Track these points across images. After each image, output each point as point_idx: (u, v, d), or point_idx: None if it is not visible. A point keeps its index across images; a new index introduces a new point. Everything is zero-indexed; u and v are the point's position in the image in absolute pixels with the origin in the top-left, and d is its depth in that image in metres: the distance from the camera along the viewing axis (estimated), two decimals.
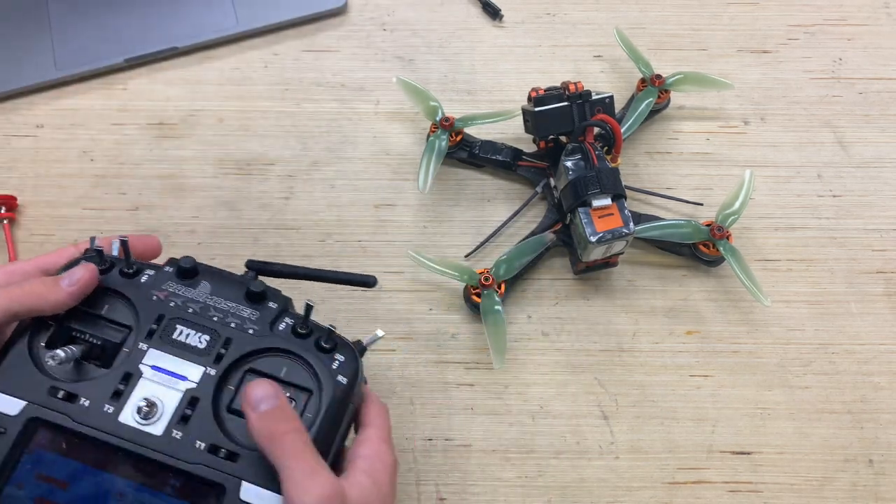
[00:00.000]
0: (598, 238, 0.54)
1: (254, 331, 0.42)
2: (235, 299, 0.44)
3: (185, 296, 0.43)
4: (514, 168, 0.62)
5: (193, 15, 0.68)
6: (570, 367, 0.57)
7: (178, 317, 0.42)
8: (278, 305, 0.44)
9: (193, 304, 0.43)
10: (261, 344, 0.42)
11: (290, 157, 0.64)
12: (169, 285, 0.44)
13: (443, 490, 0.54)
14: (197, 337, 0.42)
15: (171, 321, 0.42)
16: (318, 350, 0.42)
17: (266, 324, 0.43)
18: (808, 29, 0.69)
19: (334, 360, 0.42)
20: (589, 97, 0.57)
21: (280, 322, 0.43)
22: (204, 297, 0.43)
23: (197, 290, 0.44)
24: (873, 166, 0.64)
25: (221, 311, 0.43)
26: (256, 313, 0.43)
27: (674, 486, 0.54)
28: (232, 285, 0.44)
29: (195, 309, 0.43)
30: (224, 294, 0.44)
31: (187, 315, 0.42)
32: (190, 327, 0.42)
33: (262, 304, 0.44)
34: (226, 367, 0.41)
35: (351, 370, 0.42)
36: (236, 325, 0.42)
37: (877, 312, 0.59)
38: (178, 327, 0.42)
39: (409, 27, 0.69)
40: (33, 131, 0.64)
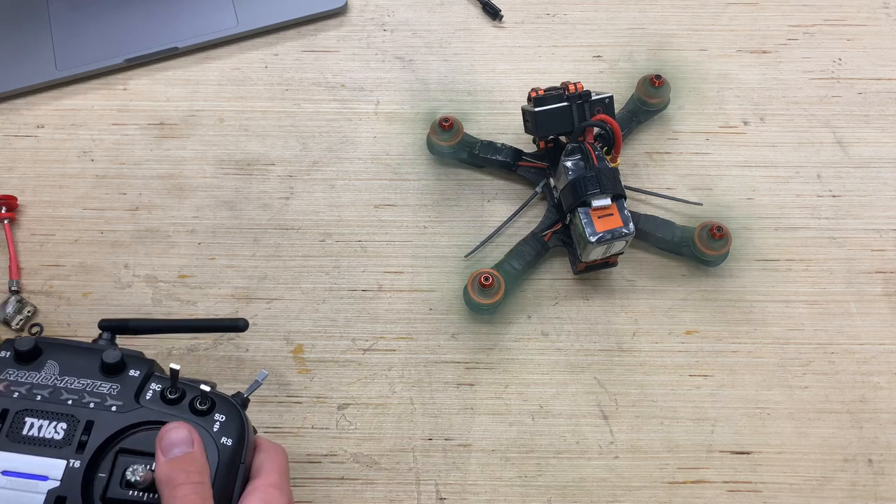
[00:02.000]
0: (597, 238, 0.54)
1: (117, 406, 0.38)
2: (90, 374, 0.39)
3: (30, 382, 0.38)
4: (514, 168, 0.62)
5: (193, 15, 0.68)
6: (569, 367, 0.57)
7: (24, 409, 0.37)
8: (141, 372, 0.40)
9: (41, 389, 0.38)
10: (128, 420, 0.38)
11: (290, 158, 0.64)
12: (8, 374, 0.39)
13: (443, 490, 0.54)
14: (52, 427, 0.37)
15: (17, 415, 0.37)
16: (194, 414, 0.39)
17: (130, 396, 0.39)
18: (808, 29, 0.69)
19: (214, 422, 0.39)
20: (589, 97, 0.57)
21: (146, 390, 0.39)
22: (52, 379, 0.39)
23: (42, 372, 0.39)
24: (872, 166, 0.64)
25: (76, 392, 0.38)
26: (117, 386, 0.39)
27: (673, 485, 0.54)
28: (83, 359, 0.40)
29: (44, 395, 0.38)
30: (75, 371, 0.39)
31: (35, 404, 0.37)
32: (41, 417, 0.37)
33: (121, 374, 0.40)
34: (91, 454, 0.37)
35: (235, 428, 0.39)
36: (95, 404, 0.38)
37: (876, 312, 0.59)
38: (26, 420, 0.37)
39: (409, 27, 0.69)
40: (33, 131, 0.64)
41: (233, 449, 0.39)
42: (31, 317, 0.58)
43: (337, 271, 0.60)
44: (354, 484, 0.54)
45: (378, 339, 0.58)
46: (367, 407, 0.56)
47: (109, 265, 0.60)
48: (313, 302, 0.59)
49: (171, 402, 0.39)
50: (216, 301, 0.59)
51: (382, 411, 0.56)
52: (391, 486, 0.54)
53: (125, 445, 0.38)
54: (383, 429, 0.56)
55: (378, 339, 0.58)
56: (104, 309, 0.58)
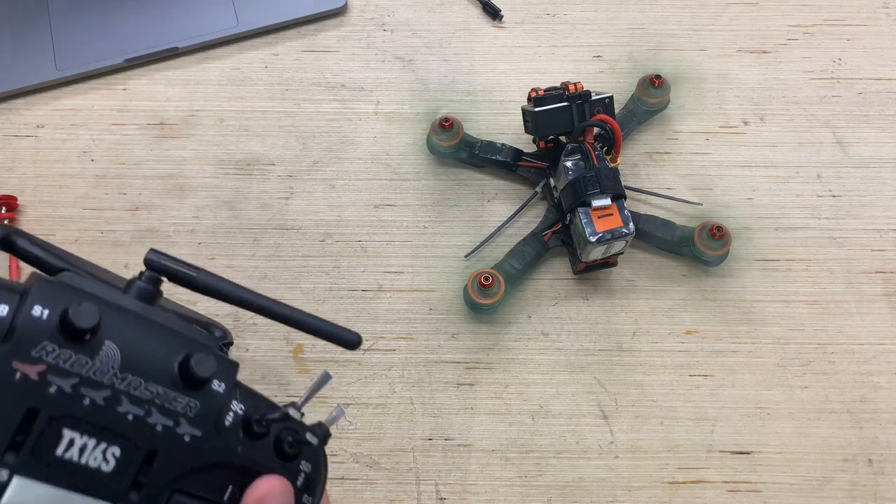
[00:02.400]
0: (597, 238, 0.54)
1: (192, 436, 0.27)
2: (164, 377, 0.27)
3: (79, 373, 0.25)
4: (514, 168, 0.62)
5: (193, 15, 0.68)
6: (569, 367, 0.57)
7: (63, 414, 0.25)
8: (226, 385, 0.29)
9: (93, 389, 0.25)
10: (205, 458, 0.27)
11: (290, 158, 0.64)
12: (45, 350, 0.25)
13: (443, 490, 0.54)
14: (100, 452, 0.25)
15: (52, 423, 0.24)
16: (278, 456, 0.30)
17: (211, 421, 0.28)
18: (808, 29, 0.69)
19: (299, 473, 0.30)
20: (589, 97, 0.57)
21: (227, 413, 0.29)
22: (110, 373, 0.26)
23: (97, 359, 0.26)
24: (872, 166, 0.64)
25: (141, 403, 0.26)
26: (196, 404, 0.28)
27: (673, 485, 0.54)
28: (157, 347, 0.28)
29: (96, 398, 0.25)
30: (145, 368, 0.27)
31: (82, 410, 0.25)
32: (87, 433, 0.25)
33: (203, 387, 0.28)
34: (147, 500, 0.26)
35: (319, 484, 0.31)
36: (164, 426, 0.26)
37: (876, 312, 0.59)
38: (64, 433, 0.25)
39: (408, 27, 0.69)
40: (33, 131, 0.64)
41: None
42: None
43: (337, 271, 0.60)
44: (354, 484, 0.54)
45: (378, 339, 0.58)
46: (367, 407, 0.56)
47: (109, 265, 0.60)
48: (313, 302, 0.59)
49: (256, 436, 0.29)
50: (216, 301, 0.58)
51: (382, 411, 0.56)
52: (391, 486, 0.54)
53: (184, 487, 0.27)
54: (383, 429, 0.56)
55: (378, 339, 0.58)
56: None
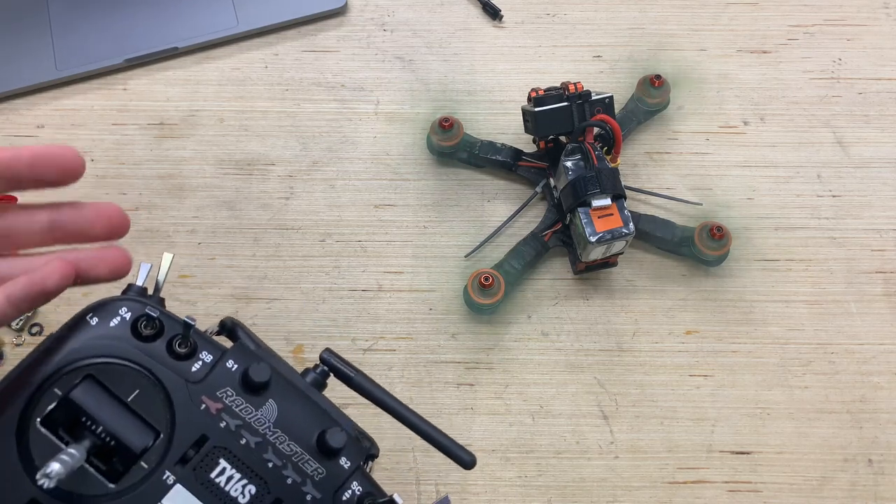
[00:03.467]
0: (597, 238, 0.54)
1: (313, 497, 0.32)
2: (304, 440, 0.32)
3: (244, 418, 0.32)
4: (514, 168, 0.62)
5: (193, 15, 0.68)
6: (569, 367, 0.57)
7: (224, 446, 0.31)
8: (351, 465, 0.33)
9: (250, 433, 0.32)
10: None
11: (290, 158, 0.64)
12: (226, 393, 0.32)
13: (443, 490, 0.54)
14: (241, 485, 0.31)
15: (214, 450, 0.31)
16: None
17: (331, 490, 0.32)
18: (808, 29, 0.69)
19: None
20: (589, 97, 0.57)
21: (347, 488, 0.33)
22: (266, 425, 0.32)
23: (261, 411, 0.32)
24: (873, 166, 0.64)
25: (281, 456, 0.32)
26: (323, 471, 0.32)
27: (673, 485, 0.54)
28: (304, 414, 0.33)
29: (250, 441, 0.32)
30: (292, 428, 0.32)
31: (238, 448, 0.31)
32: (236, 468, 0.31)
33: (334, 458, 0.33)
34: None
35: None
36: (294, 482, 0.32)
37: (876, 312, 0.59)
38: (220, 463, 0.31)
39: (409, 27, 0.69)
40: (34, 131, 0.64)
41: None
42: (31, 317, 0.58)
43: (337, 271, 0.60)
44: None
45: (378, 339, 0.58)
46: (368, 407, 0.56)
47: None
48: (313, 302, 0.59)
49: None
50: (216, 301, 0.59)
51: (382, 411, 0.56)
52: (391, 486, 0.54)
53: None
54: (383, 429, 0.55)
55: (378, 339, 0.58)
56: None
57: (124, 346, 0.32)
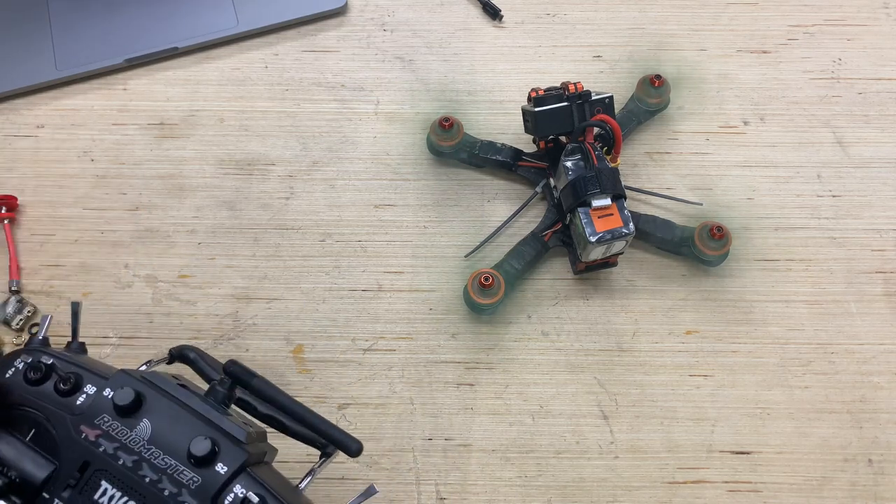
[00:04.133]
0: (597, 238, 0.54)
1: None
2: (179, 454, 0.34)
3: (120, 440, 0.34)
4: (514, 168, 0.62)
5: (193, 15, 0.68)
6: (569, 367, 0.57)
7: (105, 469, 0.34)
8: (229, 469, 0.34)
9: (127, 454, 0.34)
10: None
11: (290, 158, 0.64)
12: (104, 420, 0.35)
13: (443, 490, 0.54)
14: (122, 502, 0.33)
15: (95, 474, 0.34)
16: None
17: (207, 497, 0.34)
18: (808, 29, 0.69)
19: None
20: (589, 97, 0.57)
21: (227, 493, 0.34)
22: (141, 443, 0.34)
23: (135, 431, 0.35)
24: (873, 166, 0.64)
25: (157, 471, 0.34)
26: (198, 479, 0.34)
27: (673, 485, 0.54)
28: (178, 429, 0.35)
29: (127, 461, 0.34)
30: (166, 443, 0.34)
31: (116, 469, 0.34)
32: (116, 487, 0.33)
33: (208, 466, 0.35)
34: None
35: None
36: (170, 493, 0.33)
37: (876, 312, 0.59)
38: (102, 484, 0.33)
39: (409, 27, 0.69)
40: (33, 131, 0.64)
41: None
42: (31, 317, 0.58)
43: (337, 271, 0.60)
44: (354, 484, 0.54)
45: (378, 339, 0.58)
46: (367, 407, 0.56)
47: (109, 265, 0.60)
48: (313, 302, 0.59)
49: None
50: (216, 301, 0.59)
51: (382, 411, 0.56)
52: (391, 486, 0.54)
53: None
54: (383, 429, 0.56)
55: (378, 339, 0.58)
56: (104, 309, 0.58)
57: (18, 391, 0.35)
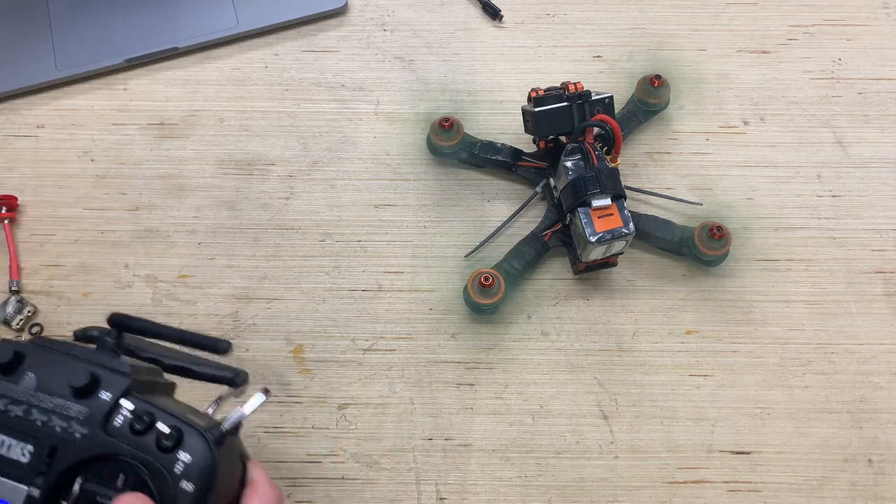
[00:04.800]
0: (597, 238, 0.54)
1: (81, 434, 0.35)
2: (62, 393, 0.36)
3: (7, 395, 0.36)
4: (514, 168, 0.62)
5: (193, 15, 0.68)
6: (569, 367, 0.57)
7: None
8: (113, 394, 0.36)
9: (16, 406, 0.36)
10: (91, 450, 0.35)
11: (290, 158, 0.64)
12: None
13: (443, 490, 0.54)
14: (20, 448, 0.35)
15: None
16: (158, 450, 0.35)
17: (95, 423, 0.36)
18: (808, 29, 0.69)
19: (177, 462, 0.35)
20: (589, 97, 0.57)
21: (116, 416, 0.36)
22: (27, 393, 0.36)
23: (21, 384, 0.37)
24: (873, 166, 0.64)
25: (46, 412, 0.36)
26: (85, 410, 0.36)
27: (673, 485, 0.54)
28: (60, 374, 0.37)
29: (17, 411, 0.36)
30: (50, 388, 0.36)
31: (8, 420, 0.36)
32: (11, 436, 0.35)
33: (91, 396, 0.36)
34: (50, 484, 0.35)
35: (199, 472, 0.35)
36: (62, 428, 0.35)
37: (876, 312, 0.59)
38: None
39: (409, 27, 0.69)
40: (34, 131, 0.64)
41: (194, 496, 0.35)
42: (31, 317, 0.58)
43: (337, 271, 0.60)
44: (354, 484, 0.54)
45: (378, 339, 0.58)
46: (367, 407, 0.56)
47: (109, 265, 0.60)
48: (313, 302, 0.59)
49: (138, 432, 0.36)
50: (216, 301, 0.59)
51: (382, 411, 0.56)
52: (391, 486, 0.54)
53: (90, 477, 0.35)
54: (383, 429, 0.56)
55: (378, 339, 0.58)
56: (104, 309, 0.58)
57: None
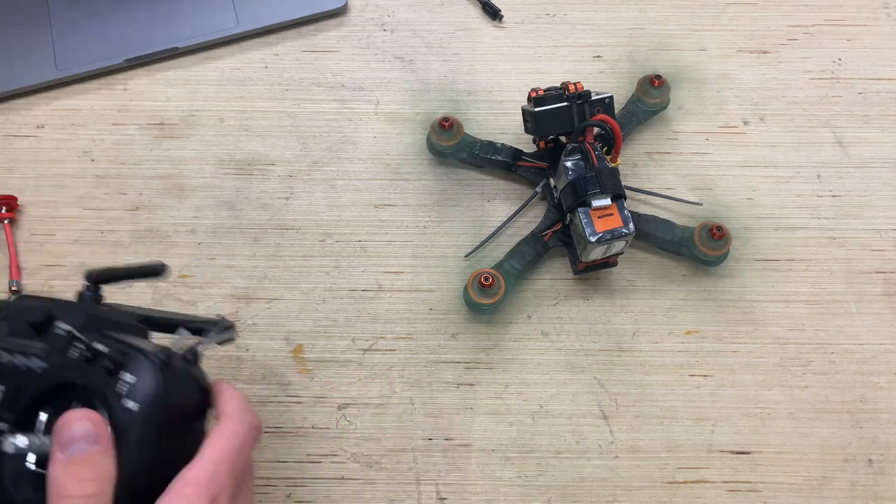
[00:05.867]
0: (597, 238, 0.54)
1: (41, 368, 0.37)
2: (25, 334, 0.38)
3: None
4: (514, 168, 0.62)
5: (193, 15, 0.68)
6: (569, 367, 0.57)
7: None
8: (66, 330, 0.38)
9: None
10: (48, 382, 0.37)
11: (290, 158, 0.64)
12: None
13: (443, 490, 0.54)
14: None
15: None
16: (106, 374, 0.36)
17: (55, 355, 0.37)
18: (808, 29, 0.69)
19: (120, 383, 0.36)
20: (589, 97, 0.57)
21: (71, 349, 0.37)
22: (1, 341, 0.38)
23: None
24: (873, 166, 0.64)
25: (12, 353, 0.37)
26: (44, 345, 0.37)
27: (673, 485, 0.54)
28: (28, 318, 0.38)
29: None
30: (18, 331, 0.38)
31: None
32: None
33: (48, 332, 0.38)
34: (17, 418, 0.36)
35: (143, 392, 0.36)
36: (25, 365, 0.37)
37: (876, 312, 0.59)
38: None
39: (409, 27, 0.69)
40: (34, 131, 0.64)
41: (140, 414, 0.35)
42: None
43: (337, 271, 0.60)
44: (354, 484, 0.54)
45: (378, 339, 0.58)
46: (367, 407, 0.56)
47: (109, 265, 0.60)
48: (313, 302, 0.59)
49: (90, 360, 0.37)
50: (216, 301, 0.59)
51: (382, 411, 0.56)
52: (391, 486, 0.54)
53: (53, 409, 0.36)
54: (383, 429, 0.56)
55: (378, 339, 0.58)
56: None
57: None
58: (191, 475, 0.35)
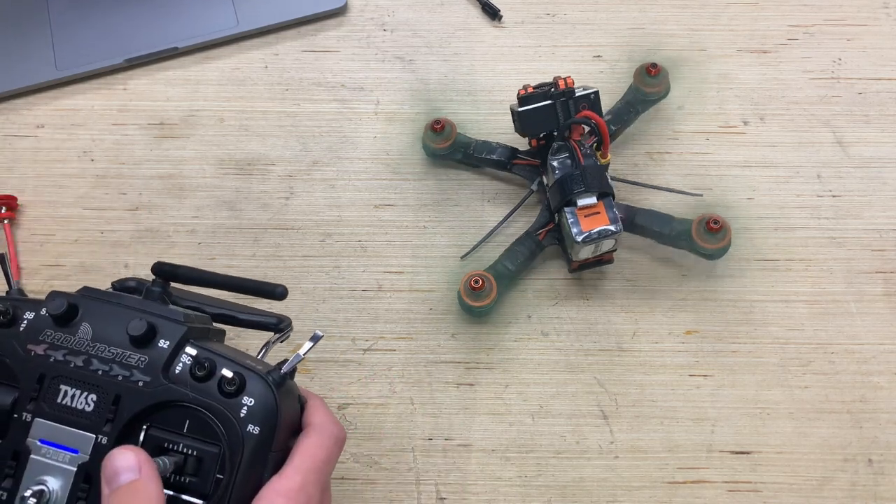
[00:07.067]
0: (583, 237, 0.53)
1: (144, 382, 0.36)
2: (120, 343, 0.37)
3: (66, 346, 0.37)
4: (510, 167, 0.62)
5: (193, 15, 0.68)
6: (569, 367, 0.57)
7: (59, 374, 0.36)
8: (171, 342, 0.37)
9: (75, 356, 0.37)
10: (154, 398, 0.36)
11: (290, 158, 0.64)
12: (46, 335, 0.37)
13: (443, 490, 0.54)
14: (84, 398, 0.36)
15: (52, 381, 0.36)
16: (222, 395, 0.36)
17: (157, 371, 0.36)
18: (808, 29, 0.69)
19: (242, 407, 0.36)
20: (573, 94, 0.56)
21: (176, 363, 0.37)
22: (85, 344, 0.37)
23: (77, 336, 0.37)
24: (873, 166, 0.64)
25: (106, 362, 0.36)
26: (144, 358, 0.37)
27: (673, 485, 0.54)
28: (116, 323, 0.37)
29: (77, 361, 0.36)
30: (107, 337, 0.37)
31: (69, 371, 0.36)
32: (74, 386, 0.36)
33: (149, 345, 0.37)
34: (118, 432, 0.36)
35: (264, 415, 0.36)
36: (124, 377, 0.36)
37: (876, 312, 0.59)
38: (61, 388, 0.36)
39: (409, 27, 0.69)
40: (33, 131, 0.65)
41: (259, 438, 0.36)
42: None
43: (337, 271, 0.60)
44: (354, 484, 0.54)
45: (378, 339, 0.58)
46: (367, 407, 0.56)
47: (109, 265, 0.60)
48: (313, 302, 0.59)
49: (200, 379, 0.36)
50: None
51: (382, 411, 0.56)
52: (391, 486, 0.54)
53: (154, 423, 0.36)
54: (383, 429, 0.56)
55: (378, 339, 0.58)
56: None
57: None
58: (281, 486, 0.36)
